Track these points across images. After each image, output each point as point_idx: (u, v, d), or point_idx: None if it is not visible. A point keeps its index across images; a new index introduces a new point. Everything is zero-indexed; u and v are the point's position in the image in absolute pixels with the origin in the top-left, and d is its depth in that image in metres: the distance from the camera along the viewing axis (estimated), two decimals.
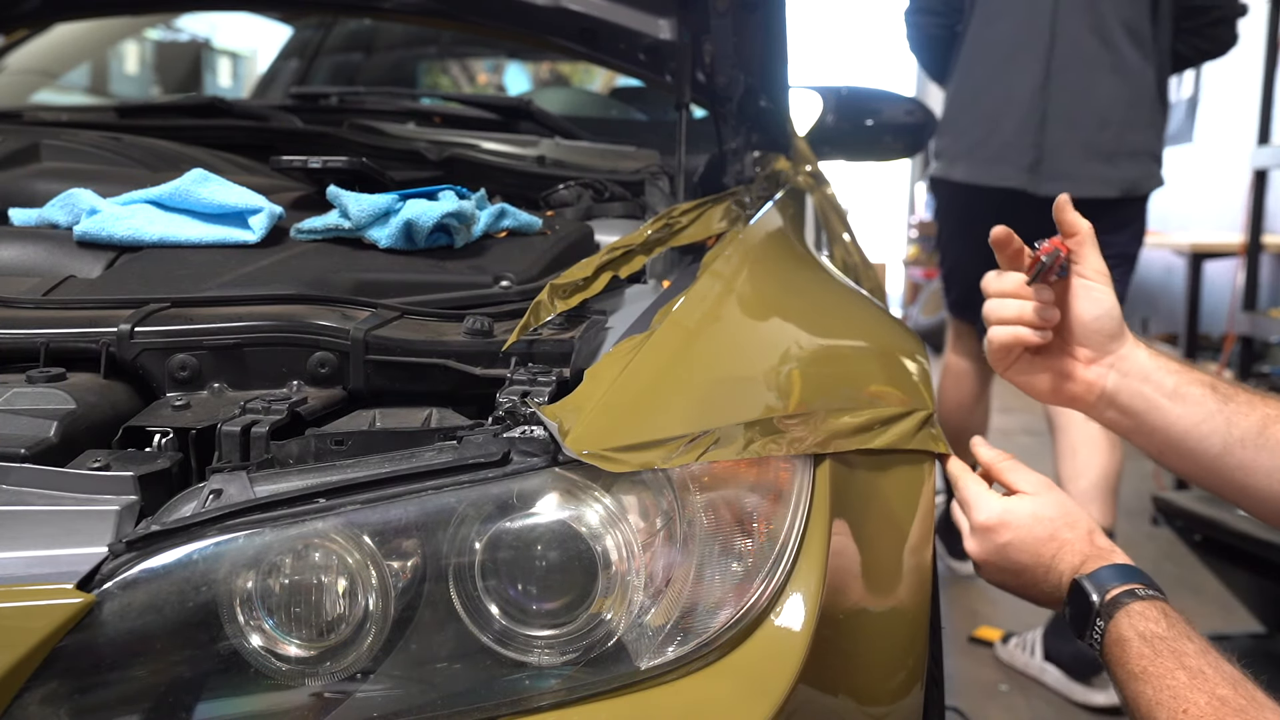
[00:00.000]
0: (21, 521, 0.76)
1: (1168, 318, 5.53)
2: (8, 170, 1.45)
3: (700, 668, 0.80)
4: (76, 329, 0.99)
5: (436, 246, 1.24)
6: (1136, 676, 0.85)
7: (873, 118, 2.38)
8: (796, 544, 0.85)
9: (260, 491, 0.78)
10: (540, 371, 0.94)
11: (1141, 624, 0.87)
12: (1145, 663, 0.85)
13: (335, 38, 2.97)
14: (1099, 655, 0.91)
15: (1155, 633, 0.86)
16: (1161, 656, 0.84)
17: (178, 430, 0.89)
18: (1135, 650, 0.86)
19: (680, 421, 0.85)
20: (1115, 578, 0.92)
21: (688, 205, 1.29)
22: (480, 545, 0.78)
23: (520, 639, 0.78)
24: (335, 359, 1.00)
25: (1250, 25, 4.65)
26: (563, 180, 1.62)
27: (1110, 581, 0.92)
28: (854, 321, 1.24)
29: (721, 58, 1.67)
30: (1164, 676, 0.83)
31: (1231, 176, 4.82)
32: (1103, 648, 0.90)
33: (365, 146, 1.73)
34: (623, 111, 2.68)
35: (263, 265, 1.13)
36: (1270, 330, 3.63)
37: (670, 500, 0.83)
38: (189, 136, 1.74)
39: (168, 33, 4.70)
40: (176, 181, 1.22)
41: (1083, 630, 0.92)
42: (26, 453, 0.82)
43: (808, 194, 1.96)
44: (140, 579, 0.74)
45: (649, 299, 1.13)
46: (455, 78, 3.44)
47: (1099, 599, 0.91)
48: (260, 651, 0.75)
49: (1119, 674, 0.87)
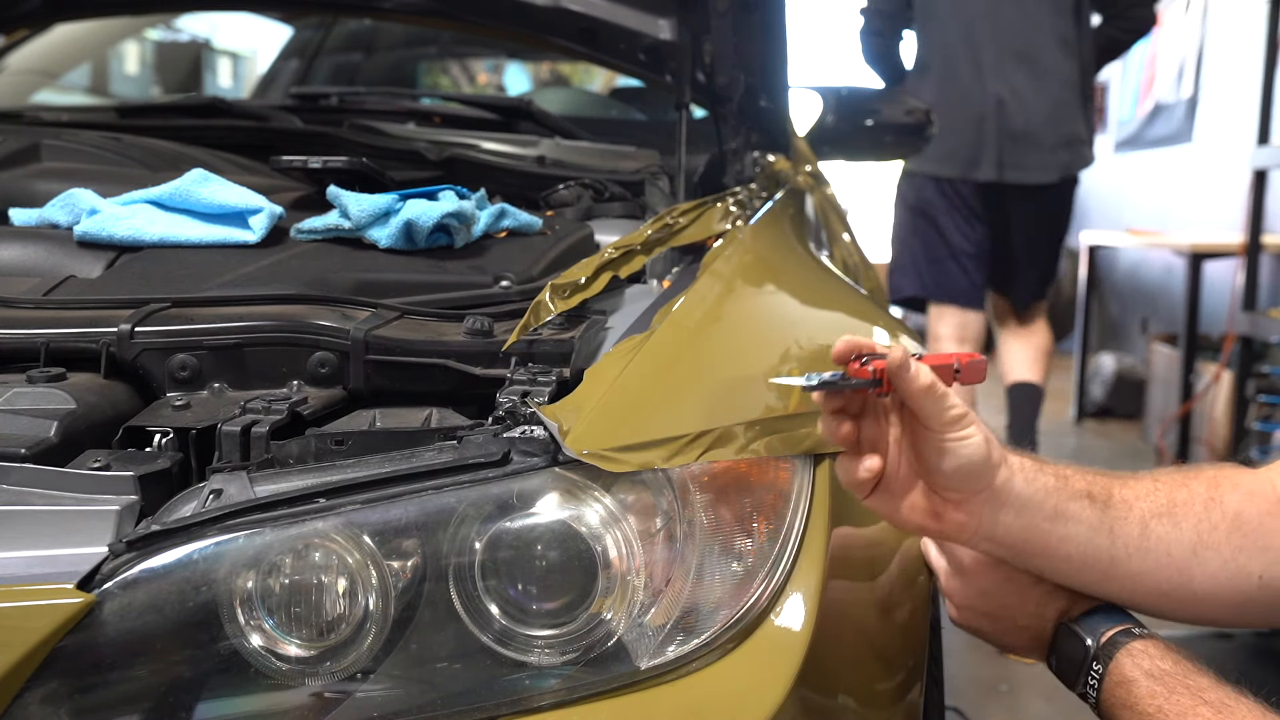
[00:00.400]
0: (22, 521, 0.76)
1: (1167, 318, 5.53)
2: (8, 170, 1.45)
3: (700, 668, 0.80)
4: (77, 329, 0.99)
5: (436, 246, 1.24)
6: (1152, 717, 0.80)
7: (873, 118, 2.38)
8: (796, 544, 0.85)
9: (260, 491, 0.78)
10: (540, 371, 0.94)
11: (1146, 662, 0.83)
12: (1160, 701, 0.80)
13: (335, 38, 2.97)
14: (1094, 703, 0.86)
15: (1164, 669, 0.82)
16: (1177, 694, 0.80)
17: (178, 430, 0.89)
18: (1145, 689, 0.81)
19: (680, 421, 0.85)
20: (1107, 620, 0.88)
21: (688, 205, 1.29)
22: (480, 545, 0.78)
23: (520, 639, 0.78)
24: (335, 359, 1.00)
25: (1250, 25, 4.66)
26: (563, 180, 1.62)
27: (1102, 624, 0.87)
28: (854, 321, 1.25)
29: (721, 58, 1.67)
30: (1185, 714, 0.78)
31: (1231, 176, 4.82)
32: (1101, 693, 0.85)
33: (365, 146, 1.73)
34: (623, 111, 2.68)
35: (263, 265, 1.13)
36: (1270, 330, 3.63)
37: (670, 500, 0.83)
38: (189, 137, 1.75)
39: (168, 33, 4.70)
40: (177, 181, 1.22)
41: (1075, 678, 0.88)
42: (27, 453, 0.82)
43: (808, 194, 1.97)
44: (140, 579, 0.74)
45: (649, 299, 1.13)
46: (455, 78, 3.44)
47: (1094, 642, 0.86)
48: (260, 651, 0.75)
49: (1126, 717, 0.82)
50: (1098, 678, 0.85)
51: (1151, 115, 6.07)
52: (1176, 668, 0.82)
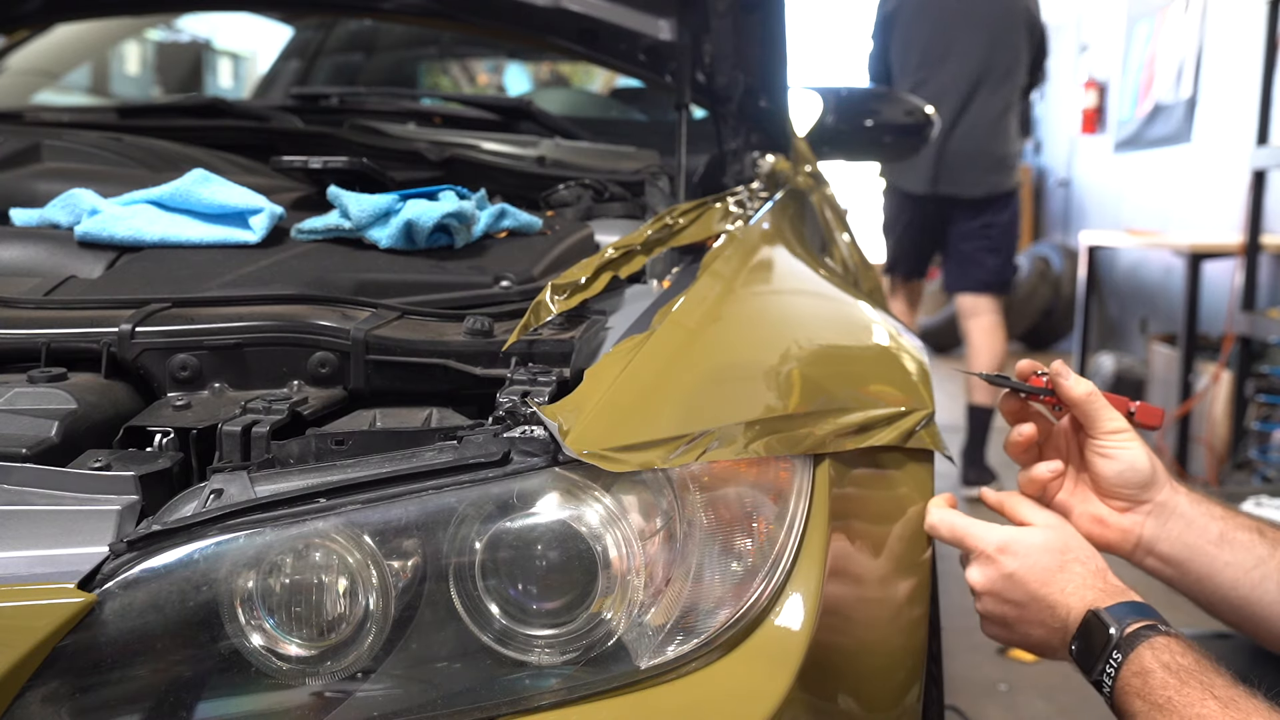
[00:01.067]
0: (23, 521, 0.76)
1: (1166, 318, 5.53)
2: (9, 170, 1.45)
3: (700, 667, 0.80)
4: (77, 329, 0.99)
5: (437, 247, 1.24)
6: (1160, 707, 0.81)
7: (872, 118, 2.38)
8: (796, 544, 0.85)
9: (261, 491, 0.78)
10: (540, 371, 0.94)
11: (1166, 656, 0.83)
12: (1170, 692, 0.81)
13: (335, 38, 2.97)
14: (1109, 691, 0.87)
15: (1181, 665, 0.82)
16: (1189, 686, 0.81)
17: (179, 430, 0.89)
18: (1159, 680, 0.82)
19: (680, 421, 0.85)
20: (1135, 613, 0.88)
21: (688, 205, 1.29)
22: (480, 545, 0.79)
23: (520, 638, 0.79)
24: (336, 359, 1.00)
25: (1250, 25, 4.65)
26: (563, 180, 1.62)
27: (1130, 615, 0.88)
28: (853, 321, 1.25)
29: (721, 58, 1.68)
30: (1193, 705, 0.79)
31: (1230, 176, 4.82)
32: (1117, 681, 0.85)
33: (366, 147, 1.73)
34: (623, 112, 2.68)
35: (263, 265, 1.13)
36: (1269, 330, 3.63)
37: (670, 500, 0.83)
38: (190, 137, 1.75)
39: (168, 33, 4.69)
40: (177, 182, 1.22)
41: (1093, 663, 0.88)
42: (28, 452, 0.83)
43: (808, 194, 1.97)
44: (141, 578, 0.74)
45: (649, 299, 1.13)
46: (455, 78, 3.44)
47: (1118, 632, 0.87)
48: (261, 651, 0.75)
49: (1137, 706, 0.83)
50: (1116, 665, 0.86)
51: (1151, 115, 6.07)
52: (1196, 665, 0.82)
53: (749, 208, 1.44)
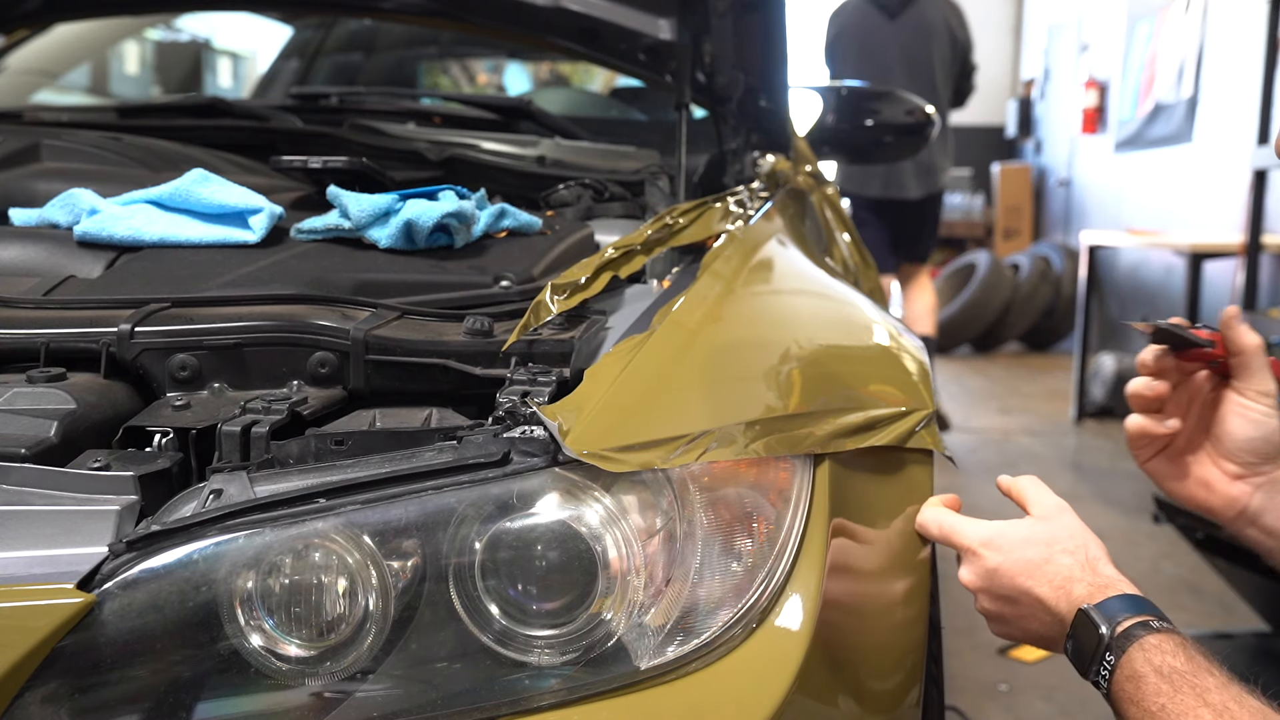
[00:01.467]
0: (22, 521, 0.76)
1: (1166, 317, 5.52)
2: (8, 170, 1.45)
3: (700, 668, 0.80)
4: (77, 329, 0.99)
5: (436, 246, 1.24)
6: (1154, 715, 0.80)
7: (873, 118, 2.38)
8: (796, 544, 0.85)
9: (260, 491, 0.78)
10: (540, 371, 0.94)
11: (1158, 658, 0.82)
12: (1164, 699, 0.79)
13: (335, 38, 2.96)
14: (1106, 693, 0.85)
15: (1174, 667, 0.81)
16: (1182, 693, 0.79)
17: (178, 430, 0.89)
18: (1152, 687, 0.80)
19: (680, 421, 0.85)
20: (1125, 609, 0.86)
21: (688, 205, 1.29)
22: (480, 545, 0.78)
23: (520, 639, 0.78)
24: (335, 359, 1.00)
25: (1250, 25, 4.65)
26: (563, 180, 1.62)
27: (1120, 613, 0.85)
28: (853, 321, 1.24)
29: (721, 58, 1.68)
30: (1185, 715, 0.78)
31: (1231, 176, 4.81)
32: (1112, 684, 0.84)
33: (365, 146, 1.73)
34: (623, 111, 2.68)
35: (263, 265, 1.13)
36: (1270, 330, 3.63)
37: (670, 500, 0.83)
38: (189, 137, 1.75)
39: (168, 33, 4.69)
40: (177, 181, 1.22)
41: (1088, 666, 0.86)
42: (27, 453, 0.82)
43: (808, 194, 1.97)
44: (140, 579, 0.74)
45: (649, 299, 1.13)
46: (455, 78, 3.44)
47: (1109, 632, 0.84)
48: (260, 651, 0.75)
49: (1132, 712, 0.82)
50: (1109, 669, 0.84)
51: (1151, 115, 6.07)
52: (1188, 666, 0.81)
53: (749, 207, 1.44)
